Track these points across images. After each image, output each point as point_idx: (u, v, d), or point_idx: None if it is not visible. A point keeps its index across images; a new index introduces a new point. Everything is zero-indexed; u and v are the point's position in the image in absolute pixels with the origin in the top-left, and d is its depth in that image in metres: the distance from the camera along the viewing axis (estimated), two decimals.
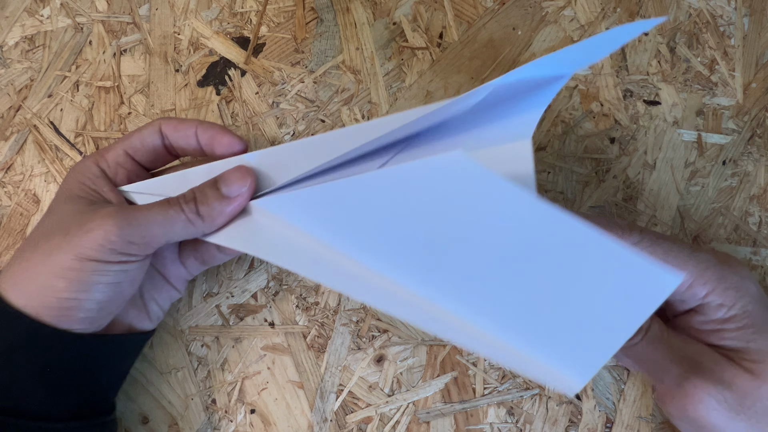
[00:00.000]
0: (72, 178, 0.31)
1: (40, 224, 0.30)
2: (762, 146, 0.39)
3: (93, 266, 0.28)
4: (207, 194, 0.30)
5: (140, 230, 0.28)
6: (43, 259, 0.28)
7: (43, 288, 0.27)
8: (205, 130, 0.33)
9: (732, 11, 0.41)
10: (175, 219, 0.29)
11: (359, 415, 0.36)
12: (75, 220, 0.28)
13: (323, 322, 0.37)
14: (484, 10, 0.42)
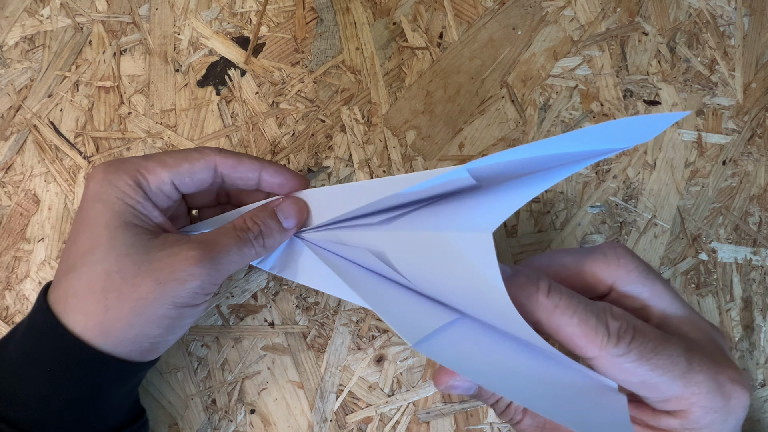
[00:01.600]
0: (114, 198, 0.28)
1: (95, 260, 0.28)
2: (762, 146, 0.39)
3: (186, 311, 0.29)
4: (272, 227, 0.31)
5: (222, 272, 0.29)
6: (138, 309, 0.27)
7: (139, 336, 0.28)
8: (272, 175, 0.31)
9: (732, 11, 0.41)
10: (248, 256, 0.30)
11: (359, 415, 0.36)
12: (155, 262, 0.28)
13: (323, 322, 0.37)
14: (484, 10, 0.42)
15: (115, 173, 0.29)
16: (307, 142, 0.40)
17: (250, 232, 0.30)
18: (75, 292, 0.28)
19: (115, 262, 0.28)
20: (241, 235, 0.30)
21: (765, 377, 0.36)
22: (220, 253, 0.29)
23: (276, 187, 0.32)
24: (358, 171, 0.39)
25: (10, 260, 0.38)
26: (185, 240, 0.29)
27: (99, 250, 0.28)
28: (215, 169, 0.31)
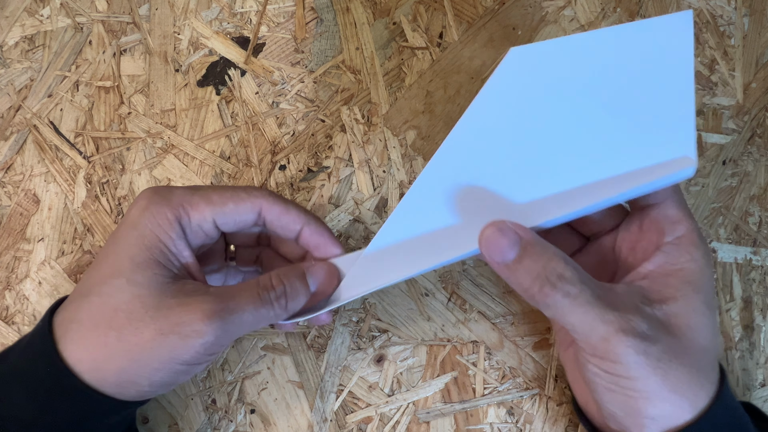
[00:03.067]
0: (148, 230, 0.28)
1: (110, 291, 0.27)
2: (762, 146, 0.39)
3: (189, 368, 0.27)
4: (298, 290, 0.29)
5: (232, 333, 0.27)
6: (133, 356, 0.26)
7: (128, 383, 0.27)
8: (313, 233, 0.31)
9: (732, 11, 0.41)
10: (265, 317, 0.28)
11: (359, 415, 0.36)
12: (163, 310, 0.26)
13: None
14: (484, 9, 0.42)
15: (158, 204, 0.28)
16: (307, 142, 0.40)
17: (272, 292, 0.28)
18: (80, 320, 0.27)
19: (125, 300, 0.27)
20: (262, 294, 0.28)
21: (765, 377, 0.36)
22: (234, 312, 0.27)
23: (312, 246, 0.31)
24: (358, 171, 0.39)
25: (10, 260, 0.38)
26: (201, 291, 0.27)
27: (115, 283, 0.27)
28: (260, 213, 0.30)
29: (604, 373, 0.27)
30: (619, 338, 0.25)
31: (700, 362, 0.27)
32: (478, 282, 0.37)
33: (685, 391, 0.26)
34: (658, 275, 0.28)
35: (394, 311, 0.37)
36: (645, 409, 0.26)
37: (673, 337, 0.27)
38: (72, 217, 0.38)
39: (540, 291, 0.26)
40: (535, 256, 0.26)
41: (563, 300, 0.26)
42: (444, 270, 0.37)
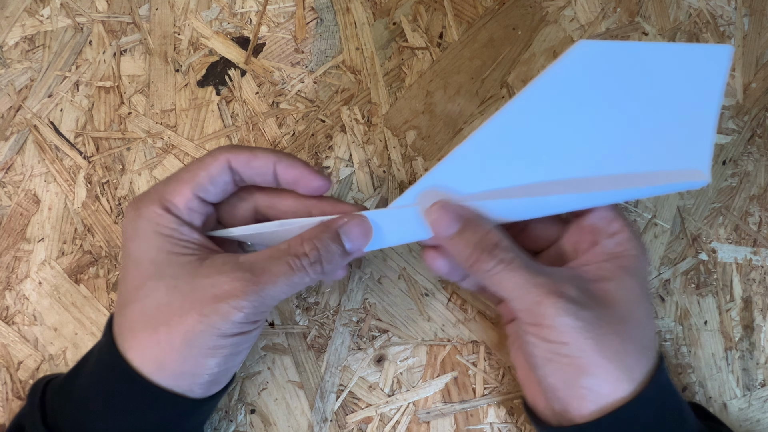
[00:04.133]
0: (150, 232, 0.28)
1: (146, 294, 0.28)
2: (762, 146, 0.39)
3: (237, 340, 0.28)
4: (332, 251, 0.28)
5: (270, 301, 0.28)
6: (187, 341, 0.27)
7: (195, 368, 0.27)
8: (286, 167, 0.30)
9: (732, 11, 0.41)
10: (301, 283, 0.28)
11: (359, 415, 0.36)
12: (200, 292, 0.27)
13: (323, 322, 0.37)
14: (484, 10, 0.42)
15: (141, 206, 0.29)
16: (307, 142, 0.40)
17: (305, 259, 0.28)
18: (131, 327, 0.28)
19: (164, 294, 0.27)
20: (293, 264, 0.28)
21: (765, 377, 0.36)
22: (267, 285, 0.27)
23: (292, 182, 0.30)
24: (358, 171, 0.39)
25: (11, 260, 0.38)
26: (231, 265, 0.27)
27: (149, 284, 0.28)
28: (230, 168, 0.30)
29: (540, 342, 0.28)
30: (550, 300, 0.27)
31: (635, 337, 0.28)
32: None
33: (620, 360, 0.27)
34: (595, 262, 0.30)
35: (394, 311, 0.37)
36: (581, 376, 0.27)
37: (605, 307, 0.28)
38: (72, 218, 0.38)
39: (478, 258, 0.28)
40: (474, 229, 0.29)
41: (498, 266, 0.28)
42: None
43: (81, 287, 0.38)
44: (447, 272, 0.32)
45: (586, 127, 0.29)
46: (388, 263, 0.38)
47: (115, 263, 0.38)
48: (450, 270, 0.32)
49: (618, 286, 0.29)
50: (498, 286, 0.28)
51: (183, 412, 0.28)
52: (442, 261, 0.32)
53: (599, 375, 0.27)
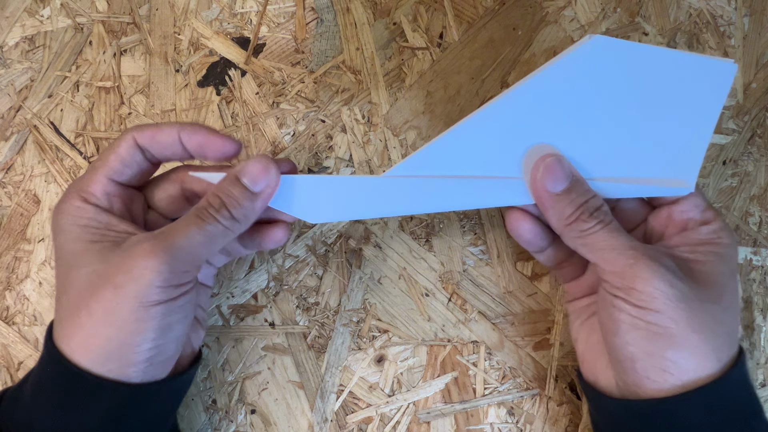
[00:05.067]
0: (69, 225, 0.28)
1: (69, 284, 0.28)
2: (762, 146, 0.39)
3: (162, 309, 0.26)
4: (235, 196, 0.28)
5: (187, 257, 0.27)
6: (107, 319, 0.26)
7: (123, 348, 0.26)
8: (190, 134, 0.30)
9: (732, 11, 0.41)
10: (215, 233, 0.28)
11: (359, 416, 0.36)
12: (113, 267, 0.26)
13: (323, 323, 0.37)
14: (484, 10, 0.42)
15: (62, 203, 0.29)
16: (307, 142, 0.40)
17: (210, 208, 0.28)
18: (59, 319, 0.28)
19: (84, 281, 0.27)
20: (200, 214, 0.28)
21: (765, 377, 0.36)
22: (177, 239, 0.27)
23: (198, 149, 0.30)
24: (359, 171, 0.39)
25: (11, 260, 0.38)
26: (144, 236, 0.27)
27: (71, 275, 0.27)
28: (137, 145, 0.30)
29: (629, 306, 0.27)
30: (646, 262, 0.27)
31: (725, 320, 0.28)
32: (479, 282, 0.37)
33: (710, 338, 0.26)
34: (687, 245, 0.29)
35: (395, 311, 0.37)
36: (668, 347, 0.26)
37: (699, 285, 0.27)
38: None
39: (579, 218, 0.29)
40: (582, 191, 0.29)
41: (597, 226, 0.28)
42: (444, 270, 0.38)
43: None
44: (530, 238, 0.32)
45: (584, 123, 0.30)
46: (389, 263, 0.38)
47: None
48: (534, 236, 0.32)
49: (711, 270, 0.28)
50: (592, 247, 0.29)
51: (125, 401, 0.27)
52: (528, 225, 0.31)
53: (687, 349, 0.26)
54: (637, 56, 0.28)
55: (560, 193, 0.29)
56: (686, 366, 0.26)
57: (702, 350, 0.26)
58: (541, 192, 0.30)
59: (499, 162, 0.30)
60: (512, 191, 0.31)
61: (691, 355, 0.26)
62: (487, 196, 0.31)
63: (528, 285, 0.37)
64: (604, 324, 0.29)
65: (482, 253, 0.38)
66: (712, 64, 0.29)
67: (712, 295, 0.28)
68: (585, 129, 0.30)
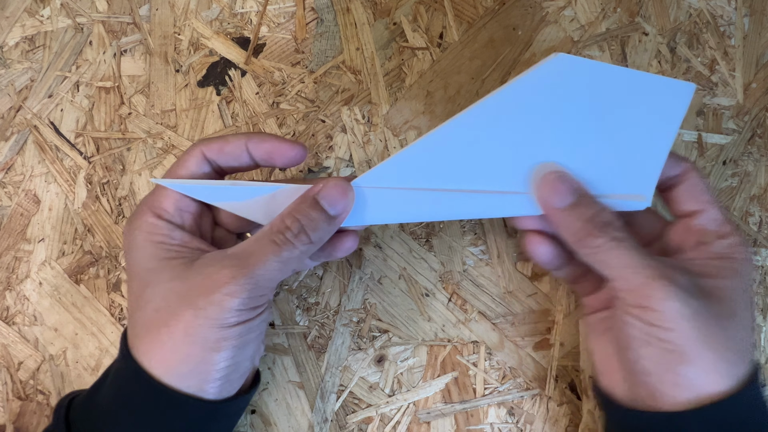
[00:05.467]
0: (144, 241, 0.29)
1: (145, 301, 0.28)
2: (762, 146, 0.39)
3: (239, 330, 0.27)
4: (315, 219, 0.28)
5: (263, 282, 0.27)
6: (187, 339, 0.27)
7: (201, 366, 0.27)
8: (258, 144, 0.30)
9: (732, 11, 0.41)
10: (292, 258, 0.28)
11: (360, 416, 0.36)
12: (193, 289, 0.27)
13: (323, 323, 0.37)
14: (484, 10, 0.42)
15: (135, 219, 0.30)
16: (307, 142, 0.40)
17: (288, 232, 0.28)
18: (137, 334, 0.28)
19: (161, 298, 0.28)
20: (278, 239, 0.28)
21: (765, 377, 0.36)
22: (256, 266, 0.27)
23: (267, 157, 0.30)
24: (359, 171, 0.39)
25: (11, 260, 0.38)
26: (220, 258, 0.28)
27: (147, 291, 0.28)
28: (206, 159, 0.30)
29: (642, 324, 0.27)
30: (661, 282, 0.26)
31: (737, 336, 0.27)
32: (479, 282, 0.37)
33: (723, 354, 0.26)
34: (702, 259, 0.29)
35: (395, 311, 0.37)
36: (681, 364, 0.26)
37: (712, 301, 0.27)
38: (72, 218, 0.38)
39: (589, 234, 0.28)
40: (589, 205, 0.29)
41: (610, 243, 0.28)
42: (444, 270, 0.38)
43: (81, 287, 0.38)
44: (549, 259, 0.32)
45: (546, 137, 0.30)
46: (389, 263, 0.38)
47: (115, 263, 0.38)
48: (552, 257, 0.32)
49: (725, 285, 0.28)
50: (605, 263, 0.28)
51: (201, 415, 0.28)
52: (546, 247, 0.31)
53: (700, 365, 0.26)
54: (599, 75, 0.29)
55: (567, 208, 0.29)
56: (699, 382, 0.26)
57: (715, 367, 0.26)
58: (549, 209, 0.30)
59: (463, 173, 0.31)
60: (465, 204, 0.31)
61: (705, 371, 0.26)
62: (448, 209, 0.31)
63: (528, 285, 0.37)
64: (619, 338, 0.29)
65: (482, 253, 0.38)
66: (671, 85, 0.29)
67: (726, 310, 0.28)
68: (547, 142, 0.30)
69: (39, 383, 0.36)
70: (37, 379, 0.37)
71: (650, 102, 0.30)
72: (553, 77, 0.29)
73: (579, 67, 0.29)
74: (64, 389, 0.36)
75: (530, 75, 0.29)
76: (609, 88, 0.29)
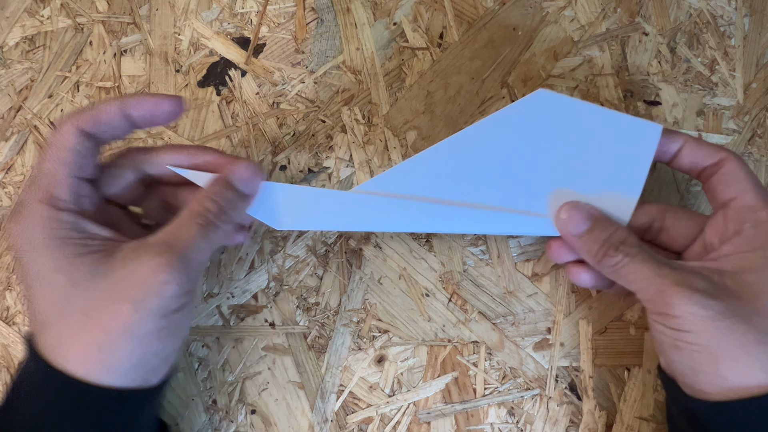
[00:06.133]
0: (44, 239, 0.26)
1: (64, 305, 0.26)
2: (762, 146, 0.39)
3: (180, 315, 0.27)
4: (232, 200, 0.29)
5: (196, 265, 0.28)
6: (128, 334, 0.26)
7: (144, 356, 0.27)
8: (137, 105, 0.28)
9: (732, 11, 0.41)
10: (216, 237, 0.29)
11: (360, 416, 0.36)
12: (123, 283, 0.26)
13: (324, 323, 0.37)
14: (484, 10, 0.42)
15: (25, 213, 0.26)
16: (307, 142, 0.40)
17: (209, 213, 0.28)
18: (61, 342, 0.26)
19: (86, 299, 0.26)
20: (201, 221, 0.28)
21: None
22: (186, 249, 0.27)
23: (149, 117, 0.29)
24: (359, 171, 0.39)
25: (11, 260, 0.38)
26: (145, 248, 0.27)
27: (65, 295, 0.26)
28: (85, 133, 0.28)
29: (667, 330, 0.28)
30: (674, 290, 0.27)
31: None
32: (479, 282, 0.37)
33: (754, 351, 0.27)
34: (737, 252, 0.29)
35: (395, 311, 0.37)
36: (710, 364, 0.27)
37: (740, 299, 0.27)
38: None
39: (605, 254, 0.30)
40: (604, 228, 0.31)
41: (624, 259, 0.29)
42: (444, 270, 0.38)
43: None
44: (593, 284, 0.33)
45: (527, 164, 0.33)
46: (389, 263, 0.38)
47: None
48: (596, 281, 0.33)
49: (759, 278, 0.28)
50: (625, 279, 0.30)
51: (143, 405, 0.28)
52: (587, 275, 0.33)
53: (729, 364, 0.27)
54: (576, 111, 0.32)
55: (584, 234, 0.31)
56: (732, 378, 0.27)
57: (747, 361, 0.27)
58: (568, 237, 0.32)
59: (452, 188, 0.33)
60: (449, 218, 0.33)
61: (736, 369, 0.27)
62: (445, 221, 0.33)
63: (528, 285, 0.37)
64: (656, 344, 0.30)
65: (482, 253, 0.38)
66: (640, 125, 0.32)
67: (760, 305, 0.27)
68: (528, 169, 0.33)
69: None
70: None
71: (622, 140, 0.32)
72: (533, 110, 0.32)
73: (557, 102, 0.32)
74: None
75: (511, 107, 0.32)
76: (586, 123, 0.32)
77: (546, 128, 0.32)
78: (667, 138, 0.32)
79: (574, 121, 0.32)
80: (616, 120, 0.32)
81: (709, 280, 0.28)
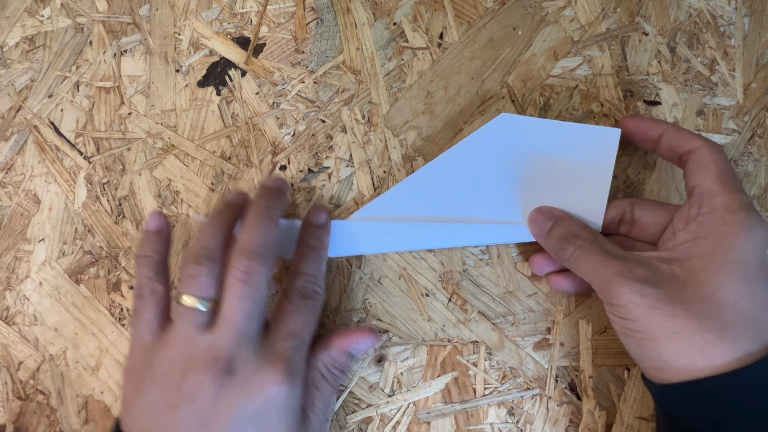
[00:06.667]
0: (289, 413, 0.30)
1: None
2: (762, 146, 0.39)
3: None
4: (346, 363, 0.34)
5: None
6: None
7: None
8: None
9: (732, 11, 0.41)
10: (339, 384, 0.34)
11: (360, 416, 0.36)
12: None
13: (324, 322, 0.37)
14: (484, 10, 0.42)
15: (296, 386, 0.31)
16: (307, 142, 0.40)
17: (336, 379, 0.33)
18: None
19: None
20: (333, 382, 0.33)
21: None
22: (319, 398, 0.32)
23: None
24: (359, 171, 0.39)
25: (11, 261, 0.38)
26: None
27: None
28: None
29: (616, 318, 0.30)
30: (615, 280, 0.29)
31: (721, 317, 0.28)
32: (479, 282, 0.37)
33: (694, 336, 0.27)
34: (690, 239, 0.30)
35: (395, 311, 0.37)
36: (653, 350, 0.29)
37: (682, 286, 0.28)
38: (72, 218, 0.38)
39: (561, 247, 0.32)
40: (562, 225, 0.33)
41: (576, 251, 0.31)
42: (444, 270, 0.38)
43: (81, 287, 0.38)
44: (574, 290, 0.35)
45: (500, 182, 0.35)
46: (389, 263, 0.38)
47: (115, 263, 0.38)
48: (576, 287, 0.35)
49: (707, 265, 0.28)
50: (579, 271, 0.31)
51: None
52: (565, 282, 0.35)
53: (671, 349, 0.28)
54: (539, 128, 0.35)
55: (547, 233, 0.33)
56: (675, 364, 0.28)
57: (687, 349, 0.28)
58: (539, 238, 0.34)
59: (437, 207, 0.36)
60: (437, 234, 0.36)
61: (677, 354, 0.28)
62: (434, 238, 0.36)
63: (528, 285, 0.37)
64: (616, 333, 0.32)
65: (482, 253, 0.38)
66: (599, 132, 0.35)
67: (707, 291, 0.28)
68: (504, 185, 0.36)
69: (39, 383, 0.37)
70: (37, 379, 0.37)
71: (586, 146, 0.35)
72: (498, 133, 0.35)
73: (518, 123, 0.35)
74: (63, 389, 0.36)
75: (477, 133, 0.36)
76: (550, 137, 0.35)
77: (514, 147, 0.35)
78: (651, 125, 0.34)
79: (539, 138, 0.35)
80: (578, 131, 0.35)
81: (653, 268, 0.29)
